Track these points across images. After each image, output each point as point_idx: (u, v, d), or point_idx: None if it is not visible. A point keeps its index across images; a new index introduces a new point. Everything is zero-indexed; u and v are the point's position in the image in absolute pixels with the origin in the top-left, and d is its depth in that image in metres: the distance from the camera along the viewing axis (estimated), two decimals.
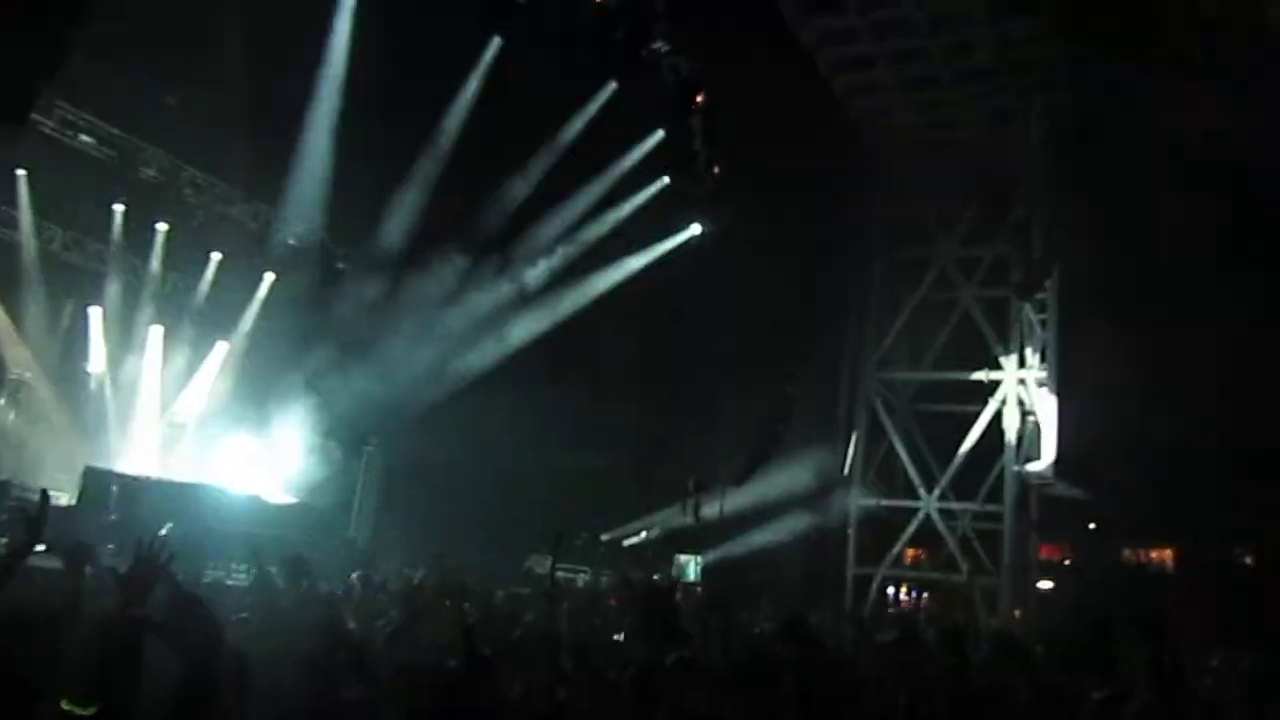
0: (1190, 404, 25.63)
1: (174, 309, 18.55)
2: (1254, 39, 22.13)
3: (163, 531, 13.91)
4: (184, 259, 18.53)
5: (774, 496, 24.58)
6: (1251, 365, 24.17)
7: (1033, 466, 25.37)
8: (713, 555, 21.03)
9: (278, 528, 16.05)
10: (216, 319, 18.95)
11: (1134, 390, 25.44)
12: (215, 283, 18.84)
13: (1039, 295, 25.55)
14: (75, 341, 17.61)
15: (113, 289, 17.72)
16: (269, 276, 19.19)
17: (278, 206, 18.50)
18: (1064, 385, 25.31)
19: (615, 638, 7.11)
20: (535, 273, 20.31)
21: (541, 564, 19.12)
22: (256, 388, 18.38)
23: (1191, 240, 23.45)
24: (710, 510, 21.39)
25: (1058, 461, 24.67)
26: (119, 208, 17.37)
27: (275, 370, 18.44)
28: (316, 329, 18.49)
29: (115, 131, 16.72)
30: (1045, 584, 29.17)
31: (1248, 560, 33.72)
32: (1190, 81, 22.39)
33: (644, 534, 23.99)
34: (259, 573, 6.46)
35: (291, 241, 18.86)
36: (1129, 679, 6.24)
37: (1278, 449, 25.57)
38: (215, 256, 18.76)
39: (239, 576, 12.82)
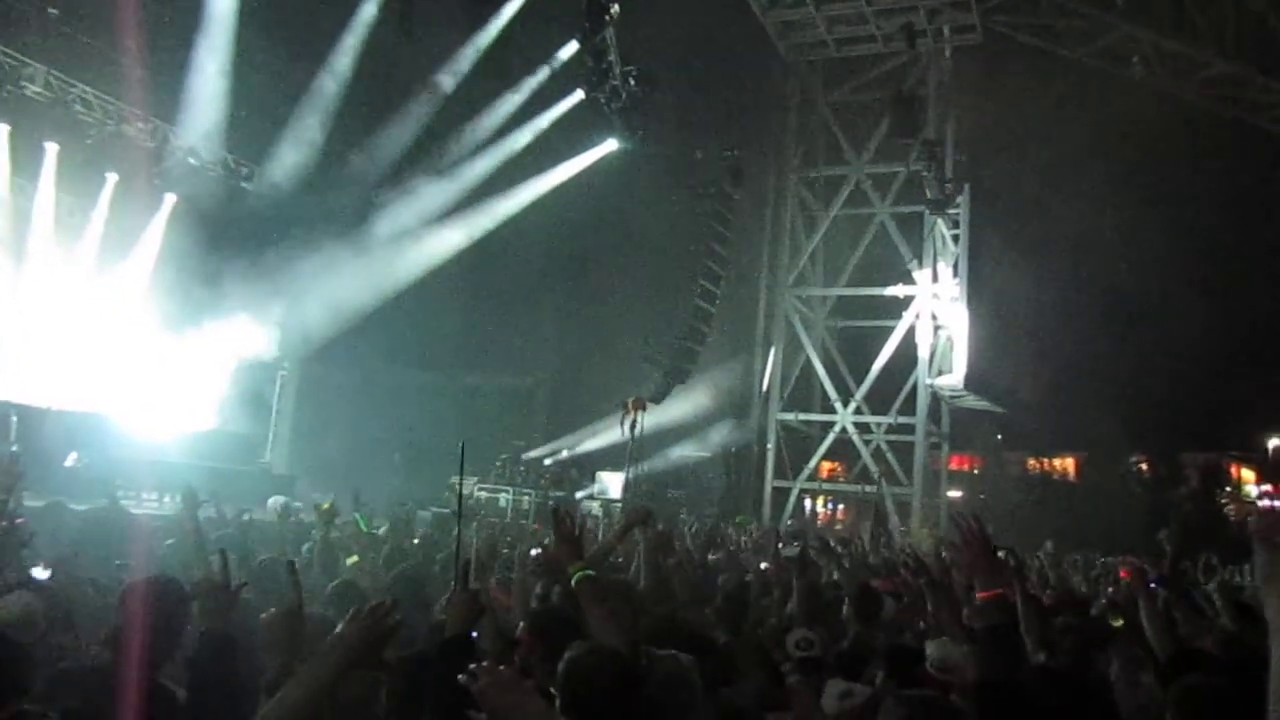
0: (1092, 319, 26.51)
1: (69, 233, 17.78)
2: None
3: (68, 462, 13.60)
4: (77, 180, 17.67)
5: (693, 413, 24.86)
6: (1153, 283, 25.01)
7: (944, 380, 26.01)
8: (634, 472, 21.22)
9: (189, 455, 15.77)
10: (116, 242, 18.21)
11: (1041, 305, 26.22)
12: (112, 204, 18.05)
13: (951, 211, 25.94)
14: None
15: (1, 213, 16.90)
16: (170, 197, 18.48)
17: (176, 124, 17.73)
18: (975, 300, 25.87)
19: (533, 552, 7.15)
20: (448, 190, 19.90)
21: (464, 484, 19.17)
22: (162, 311, 17.80)
23: (1097, 159, 24.02)
24: (633, 428, 21.57)
25: (968, 374, 25.30)
26: (3, 127, 16.47)
27: (180, 293, 17.87)
28: (222, 250, 17.92)
29: None
30: (955, 493, 30.19)
31: (1143, 469, 35.36)
32: (1095, 3, 22.72)
33: (564, 453, 24.13)
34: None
35: (192, 160, 18.12)
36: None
37: (1177, 366, 26.70)
38: (111, 177, 17.94)
39: (150, 504, 12.60)
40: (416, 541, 9.05)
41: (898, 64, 26.54)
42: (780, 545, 9.54)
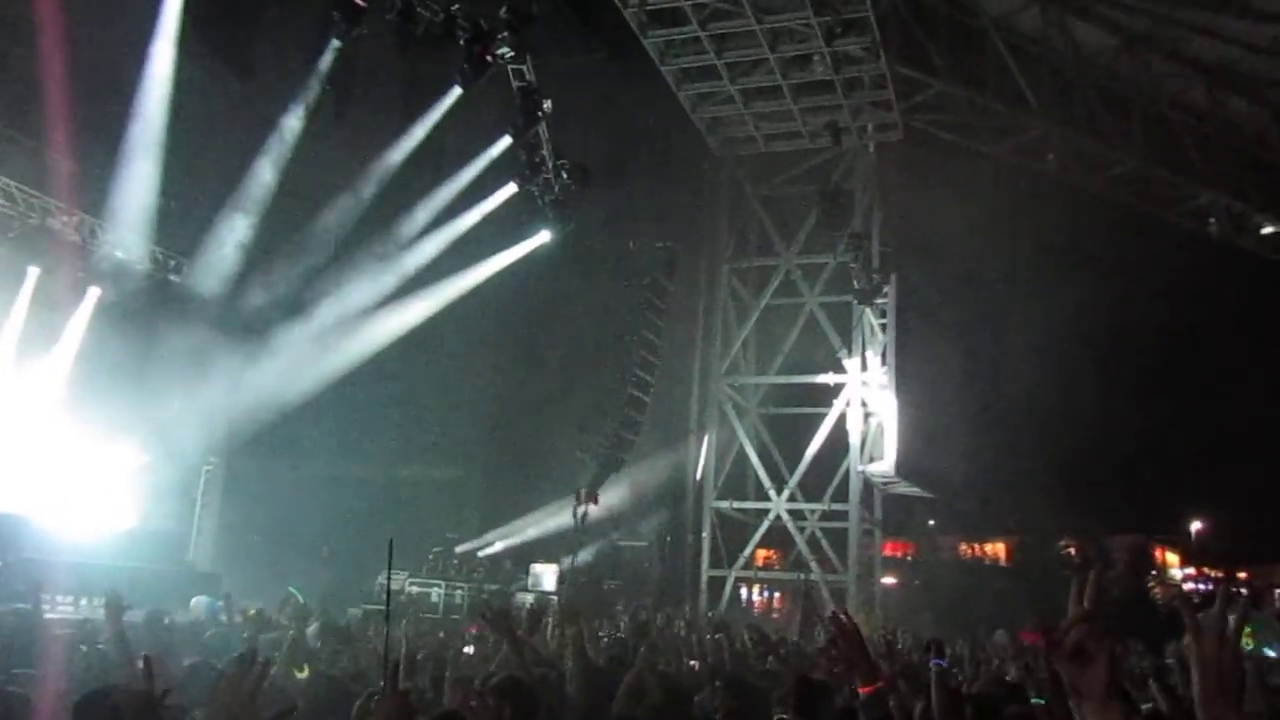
0: (1019, 404, 27.10)
1: None
2: (1067, 61, 23.68)
3: None
4: None
5: (628, 502, 24.74)
6: (1076, 368, 25.70)
7: (875, 466, 26.23)
8: (568, 563, 20.98)
9: (110, 555, 15.26)
10: (37, 337, 17.76)
11: (969, 391, 26.76)
12: (34, 299, 17.64)
13: (879, 300, 26.49)
14: None
15: None
16: (94, 291, 18.13)
17: (102, 217, 17.49)
18: (903, 387, 26.29)
19: (466, 650, 7.01)
20: (379, 282, 19.86)
21: (396, 579, 18.82)
22: (83, 407, 17.33)
23: (1016, 249, 24.88)
24: (583, 519, 21.43)
25: (899, 461, 25.57)
26: None
27: (103, 388, 17.44)
28: (148, 344, 17.57)
29: None
30: (889, 579, 30.27)
31: (1070, 551, 35.93)
32: (1011, 102, 23.78)
33: (498, 545, 23.80)
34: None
35: (119, 254, 17.86)
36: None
37: (1103, 450, 27.33)
38: (33, 271, 17.57)
39: (65, 609, 12.12)
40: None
41: (824, 159, 27.26)
42: (709, 636, 9.47)
